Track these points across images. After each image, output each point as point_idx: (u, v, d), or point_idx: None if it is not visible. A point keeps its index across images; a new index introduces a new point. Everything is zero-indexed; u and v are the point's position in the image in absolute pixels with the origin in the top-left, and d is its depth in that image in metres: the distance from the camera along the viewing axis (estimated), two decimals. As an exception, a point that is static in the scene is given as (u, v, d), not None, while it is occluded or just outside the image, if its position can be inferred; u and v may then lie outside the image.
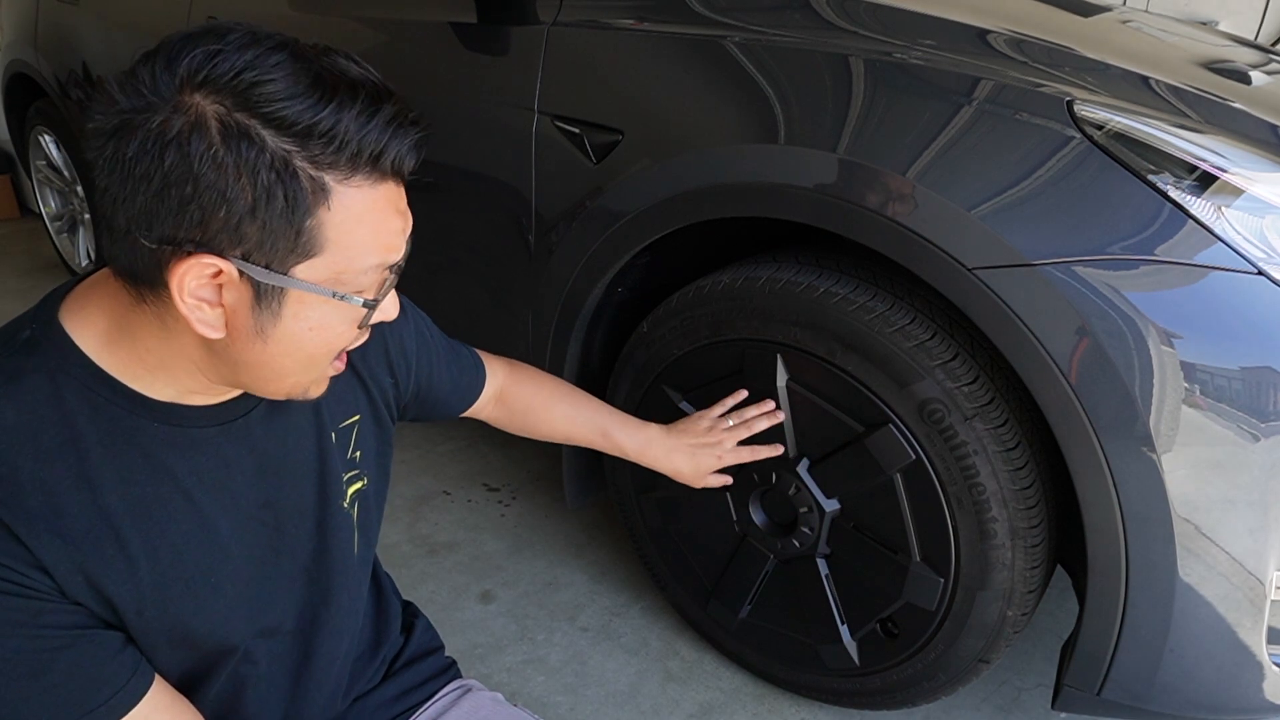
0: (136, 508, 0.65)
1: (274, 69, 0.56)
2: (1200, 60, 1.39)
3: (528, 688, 1.49)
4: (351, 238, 0.61)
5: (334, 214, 0.59)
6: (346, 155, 0.58)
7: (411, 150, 0.62)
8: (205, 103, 0.56)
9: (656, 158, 1.26)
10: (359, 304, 0.64)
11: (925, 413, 1.12)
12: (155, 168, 0.55)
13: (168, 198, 0.56)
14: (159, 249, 0.58)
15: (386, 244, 0.63)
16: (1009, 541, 1.12)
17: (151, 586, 0.66)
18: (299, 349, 0.64)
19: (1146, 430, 0.96)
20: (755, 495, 1.36)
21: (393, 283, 0.67)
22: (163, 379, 0.65)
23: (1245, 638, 1.02)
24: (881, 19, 1.23)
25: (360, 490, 0.84)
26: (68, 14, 2.58)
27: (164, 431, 0.66)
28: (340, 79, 0.58)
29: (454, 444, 2.21)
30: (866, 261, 1.21)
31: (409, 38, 1.64)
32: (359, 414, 0.83)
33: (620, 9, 1.37)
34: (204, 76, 0.56)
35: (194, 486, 0.68)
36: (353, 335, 0.67)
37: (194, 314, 0.59)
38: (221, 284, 0.59)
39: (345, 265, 0.61)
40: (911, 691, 1.31)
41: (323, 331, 0.64)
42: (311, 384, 0.69)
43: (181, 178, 0.55)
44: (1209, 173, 0.96)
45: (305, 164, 0.57)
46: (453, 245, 1.66)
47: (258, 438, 0.73)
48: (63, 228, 3.16)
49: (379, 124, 0.59)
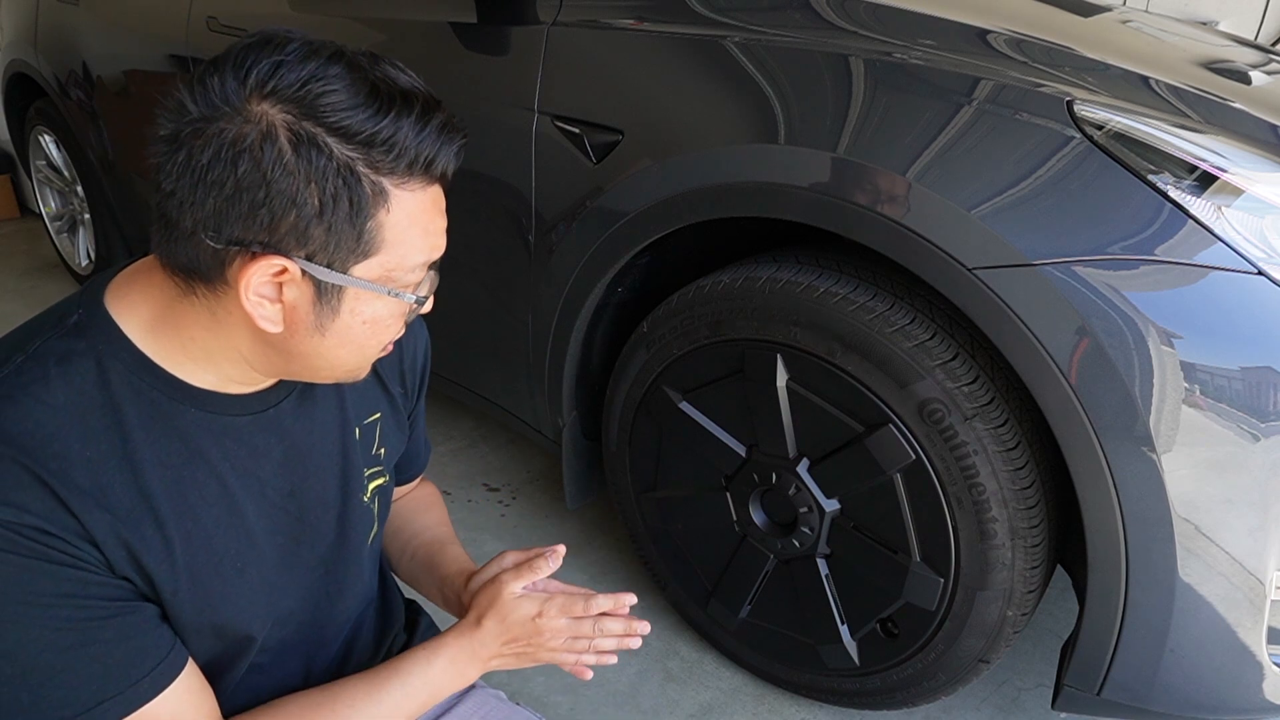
0: (173, 489, 0.67)
1: (335, 79, 0.60)
2: (1200, 60, 1.39)
3: (528, 688, 1.49)
4: (405, 237, 0.65)
5: (392, 216, 0.63)
6: (405, 162, 0.62)
7: (456, 155, 0.66)
8: (274, 112, 0.59)
9: (656, 158, 1.26)
10: (411, 300, 0.69)
11: (925, 413, 1.12)
12: (228, 174, 0.59)
13: (239, 202, 0.59)
14: (225, 249, 0.61)
15: (434, 243, 0.69)
16: (1009, 541, 1.12)
17: (185, 568, 0.68)
18: (352, 341, 0.68)
19: (1146, 430, 0.96)
20: (755, 495, 1.36)
21: (435, 279, 0.72)
22: (205, 367, 0.68)
23: (1245, 638, 1.02)
24: (881, 19, 1.23)
25: (381, 486, 0.86)
26: (68, 14, 2.58)
27: (200, 417, 0.69)
28: (394, 88, 0.62)
29: (454, 444, 2.21)
30: (867, 261, 1.21)
31: (409, 37, 1.64)
32: (380, 412, 0.86)
33: (620, 9, 1.37)
34: (271, 87, 0.59)
35: (226, 472, 0.71)
36: (399, 328, 0.72)
37: (256, 310, 0.63)
38: (283, 282, 0.63)
39: (398, 263, 0.66)
40: (911, 691, 1.31)
41: (375, 325, 0.68)
42: (359, 368, 0.73)
43: (254, 184, 0.59)
44: (1209, 173, 0.96)
45: (367, 170, 0.61)
46: (452, 245, 1.64)
47: (286, 428, 0.75)
48: (63, 228, 3.16)
49: (432, 132, 0.63)
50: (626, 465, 1.52)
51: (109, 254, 2.92)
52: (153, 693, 0.66)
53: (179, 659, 0.69)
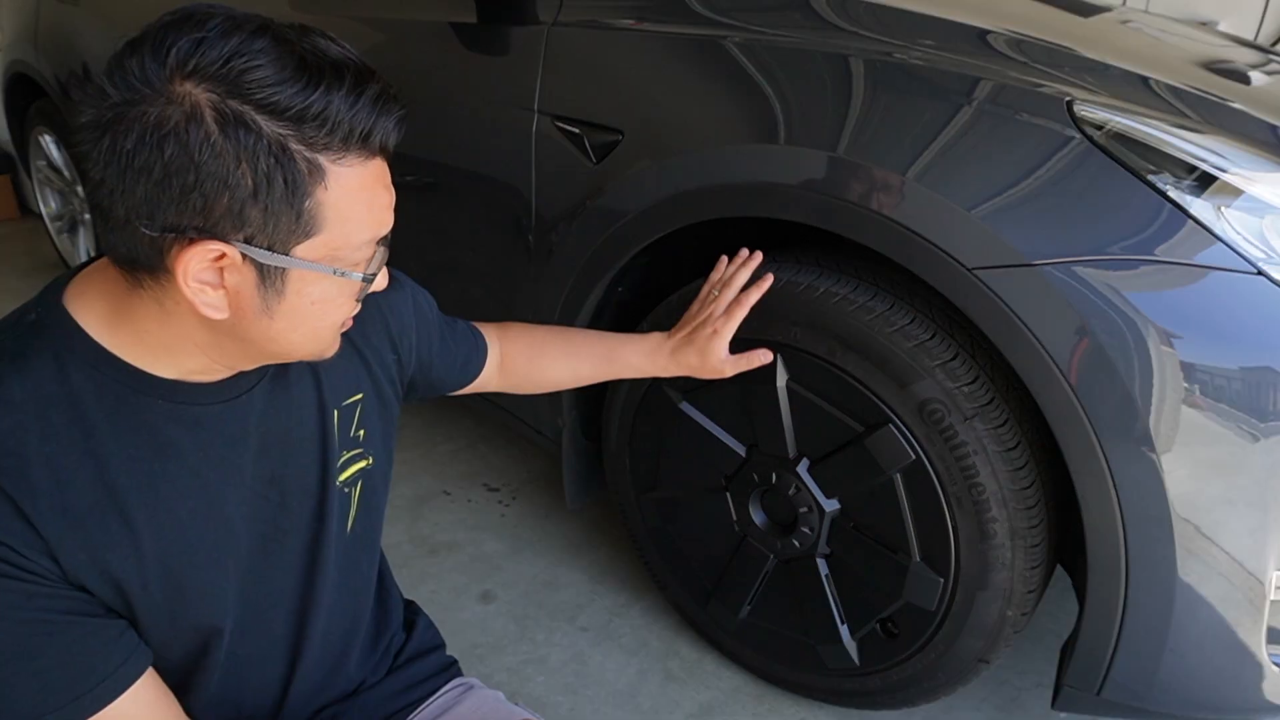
0: (143, 483, 0.66)
1: (260, 54, 0.57)
2: (1200, 60, 1.39)
3: (528, 688, 1.49)
4: (348, 215, 0.63)
5: (331, 193, 0.61)
6: (339, 136, 0.60)
7: (396, 127, 0.64)
8: (197, 91, 0.57)
9: (656, 158, 1.26)
10: (359, 279, 0.66)
11: (925, 413, 1.12)
12: (155, 159, 0.57)
13: (169, 187, 0.57)
14: (161, 237, 0.59)
15: (379, 218, 0.66)
16: (1009, 541, 1.12)
17: (156, 561, 0.67)
18: (304, 323, 0.66)
19: (1146, 430, 0.96)
20: (755, 495, 1.36)
21: (384, 255, 0.69)
22: (165, 359, 0.67)
23: (1245, 638, 1.02)
24: (881, 19, 1.23)
25: (365, 469, 0.84)
26: (68, 14, 2.58)
27: (168, 409, 0.67)
28: (324, 60, 0.59)
29: (454, 444, 2.21)
30: (867, 262, 1.21)
31: (409, 38, 1.64)
32: (362, 392, 0.84)
33: (620, 9, 1.37)
34: (193, 66, 0.57)
35: (200, 463, 0.69)
36: (352, 307, 0.70)
37: (198, 297, 0.61)
38: (223, 267, 0.61)
39: (343, 241, 0.63)
40: (911, 691, 1.31)
41: (325, 305, 0.66)
42: (321, 349, 0.71)
43: (182, 167, 0.57)
44: (1208, 173, 0.96)
45: (300, 146, 0.59)
46: (453, 245, 1.66)
47: (261, 414, 0.74)
48: (63, 228, 3.16)
49: (366, 104, 0.61)
50: (626, 465, 1.52)
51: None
52: (96, 707, 0.65)
53: (130, 672, 0.67)
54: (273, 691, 0.83)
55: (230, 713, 0.80)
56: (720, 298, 1.17)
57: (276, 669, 0.82)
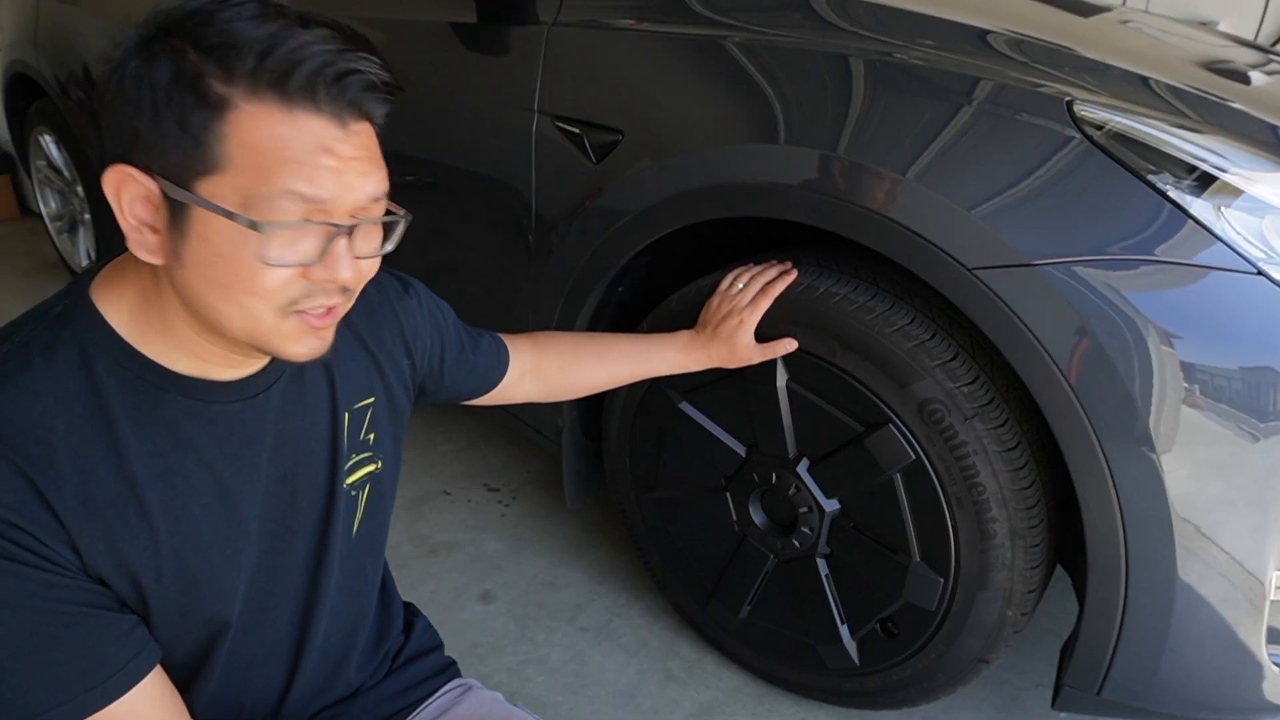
0: (161, 477, 0.67)
1: (237, 8, 0.59)
2: (1200, 60, 1.39)
3: (528, 688, 1.49)
4: (255, 159, 0.59)
5: (236, 130, 0.59)
6: (248, 66, 0.58)
7: (360, 92, 0.60)
8: (164, 39, 0.59)
9: (656, 158, 1.26)
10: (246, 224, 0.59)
11: (925, 413, 1.12)
12: (110, 95, 0.61)
13: (109, 120, 0.61)
14: (102, 169, 0.61)
15: (310, 177, 0.60)
16: (1009, 541, 1.12)
17: (171, 554, 0.68)
18: (216, 279, 0.62)
19: (1146, 430, 0.96)
20: (755, 495, 1.36)
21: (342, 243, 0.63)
22: (181, 352, 0.67)
23: (1245, 638, 1.02)
24: (881, 19, 1.23)
25: (373, 473, 0.85)
26: (68, 14, 2.58)
27: (188, 405, 0.68)
28: (296, 15, 0.60)
29: (454, 444, 2.21)
30: (867, 261, 1.21)
31: (409, 38, 1.64)
32: (374, 396, 0.85)
33: (620, 9, 1.37)
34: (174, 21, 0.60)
35: (216, 459, 0.70)
36: (277, 280, 0.62)
37: (133, 235, 0.62)
38: (155, 206, 0.61)
39: (251, 189, 0.59)
40: (911, 691, 1.31)
41: (232, 261, 0.61)
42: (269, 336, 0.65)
43: (115, 96, 0.60)
44: (1208, 173, 0.96)
45: (215, 80, 0.58)
46: (453, 245, 1.66)
47: (277, 413, 0.75)
48: (63, 228, 3.16)
49: (319, 53, 0.59)
50: (626, 465, 1.52)
51: (109, 254, 2.90)
52: (106, 701, 0.65)
53: (141, 667, 0.68)
54: (273, 692, 0.83)
55: (230, 713, 0.80)
56: (745, 290, 1.23)
57: (278, 669, 0.83)
